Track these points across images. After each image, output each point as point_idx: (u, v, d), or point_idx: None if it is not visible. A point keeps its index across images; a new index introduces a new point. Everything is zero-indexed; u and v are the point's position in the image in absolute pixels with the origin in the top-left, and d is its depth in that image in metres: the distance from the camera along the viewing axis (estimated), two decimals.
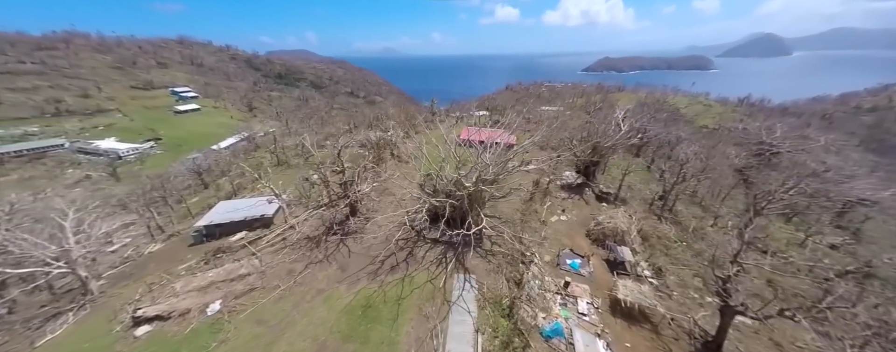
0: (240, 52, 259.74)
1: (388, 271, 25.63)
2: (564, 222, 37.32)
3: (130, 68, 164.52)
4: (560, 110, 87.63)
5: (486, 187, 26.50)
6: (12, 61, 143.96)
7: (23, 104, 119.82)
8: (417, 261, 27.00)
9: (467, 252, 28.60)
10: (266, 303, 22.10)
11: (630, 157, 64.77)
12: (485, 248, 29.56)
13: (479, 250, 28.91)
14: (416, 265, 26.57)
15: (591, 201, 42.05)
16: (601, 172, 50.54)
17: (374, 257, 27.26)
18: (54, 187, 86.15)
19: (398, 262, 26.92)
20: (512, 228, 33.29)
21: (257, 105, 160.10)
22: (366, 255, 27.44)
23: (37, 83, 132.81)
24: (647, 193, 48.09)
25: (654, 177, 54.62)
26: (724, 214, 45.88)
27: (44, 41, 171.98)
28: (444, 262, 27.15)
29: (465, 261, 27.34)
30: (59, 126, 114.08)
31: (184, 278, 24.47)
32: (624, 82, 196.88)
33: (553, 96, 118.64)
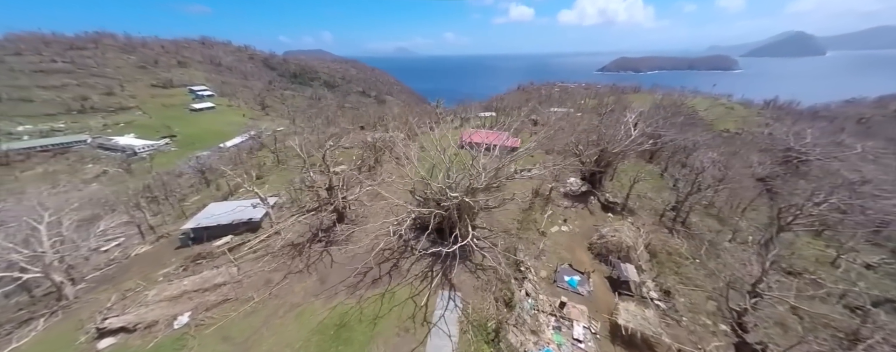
0: (257, 52, 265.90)
1: (370, 285, 24.13)
2: (565, 234, 34.95)
3: (153, 67, 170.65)
4: (569, 112, 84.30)
5: (469, 199, 24.51)
6: (46, 60, 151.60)
7: (52, 101, 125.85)
8: (401, 274, 25.40)
9: (457, 265, 26.80)
10: (236, 317, 20.99)
11: (642, 162, 61.30)
12: (475, 261, 27.67)
13: (469, 264, 27.07)
14: (400, 279, 24.97)
15: (596, 211, 39.40)
16: (609, 179, 47.68)
17: (357, 269, 25.83)
18: (73, 182, 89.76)
19: (381, 274, 25.39)
20: (506, 239, 31.29)
21: (270, 104, 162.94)
22: (348, 266, 26.03)
23: (66, 81, 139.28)
24: (658, 202, 44.90)
25: (667, 185, 51.20)
26: (744, 228, 42.21)
27: (75, 41, 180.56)
28: (429, 276, 25.46)
29: (451, 276, 25.55)
30: (83, 122, 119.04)
31: (159, 286, 23.74)
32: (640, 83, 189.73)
33: (564, 97, 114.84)
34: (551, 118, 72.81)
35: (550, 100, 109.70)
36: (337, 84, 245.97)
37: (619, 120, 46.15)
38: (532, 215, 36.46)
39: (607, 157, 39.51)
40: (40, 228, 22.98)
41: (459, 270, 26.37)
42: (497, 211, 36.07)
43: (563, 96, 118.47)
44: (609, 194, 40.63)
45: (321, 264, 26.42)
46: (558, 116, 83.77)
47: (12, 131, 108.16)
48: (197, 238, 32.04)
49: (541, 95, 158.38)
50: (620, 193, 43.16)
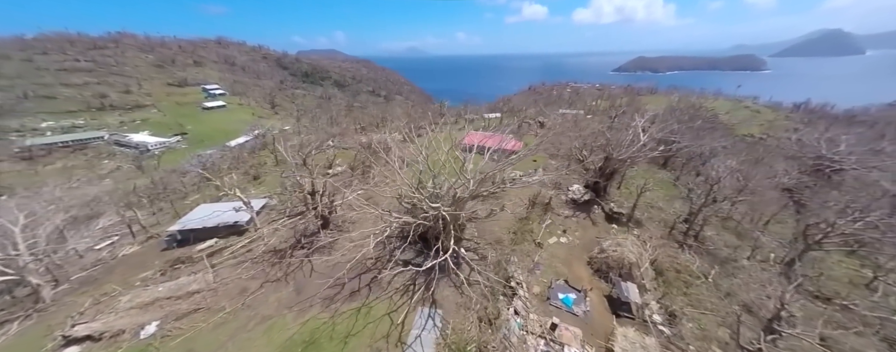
0: (271, 51, 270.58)
1: (347, 298, 22.82)
2: (564, 246, 32.76)
3: (169, 66, 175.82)
4: (578, 114, 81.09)
5: (454, 210, 22.79)
6: (69, 60, 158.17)
7: (74, 98, 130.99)
8: (382, 287, 23.97)
9: (441, 279, 25.19)
10: (204, 328, 20.04)
11: (654, 168, 57.98)
12: (462, 275, 25.93)
13: (454, 278, 25.36)
14: (379, 292, 23.56)
15: (600, 221, 36.94)
16: (616, 187, 44.98)
17: (336, 279, 24.56)
18: (89, 177, 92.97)
19: (360, 287, 24.06)
20: (498, 251, 29.42)
21: (280, 103, 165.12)
22: (328, 276, 24.78)
23: (87, 79, 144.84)
24: (669, 213, 41.93)
25: (680, 194, 47.96)
26: (766, 244, 38.80)
27: (98, 41, 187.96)
28: (411, 290, 23.93)
29: (434, 290, 23.95)
30: (102, 119, 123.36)
31: (134, 291, 23.13)
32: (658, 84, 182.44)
33: (574, 99, 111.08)
34: (557, 121, 69.98)
35: (560, 101, 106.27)
36: (347, 84, 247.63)
37: (628, 124, 43.28)
38: (529, 225, 34.43)
39: (612, 164, 36.94)
40: (14, 230, 22.78)
41: (443, 284, 24.78)
42: (491, 220, 34.26)
43: (574, 98, 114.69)
44: (614, 204, 38.05)
45: (300, 272, 25.29)
46: (566, 118, 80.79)
47: (36, 127, 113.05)
48: (183, 240, 31.57)
49: (552, 95, 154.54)
50: (627, 203, 40.47)
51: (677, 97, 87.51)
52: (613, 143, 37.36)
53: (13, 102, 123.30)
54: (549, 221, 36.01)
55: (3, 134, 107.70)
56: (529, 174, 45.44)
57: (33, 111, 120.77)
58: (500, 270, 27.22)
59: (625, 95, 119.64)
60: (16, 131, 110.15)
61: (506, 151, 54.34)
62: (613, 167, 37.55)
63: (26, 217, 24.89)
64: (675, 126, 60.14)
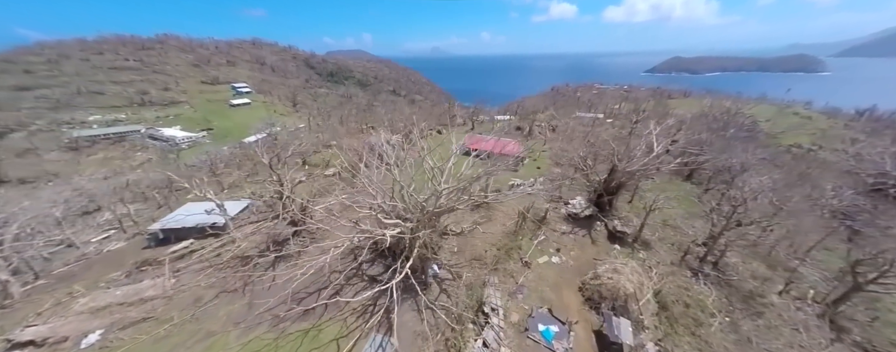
0: (300, 51, 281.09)
1: (299, 317, 21.19)
2: (555, 267, 29.40)
3: (205, 66, 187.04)
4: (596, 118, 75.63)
5: (413, 226, 20.48)
6: (120, 59, 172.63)
7: (119, 95, 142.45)
8: (339, 306, 22.16)
9: (406, 301, 23.00)
10: (145, 341, 19.18)
11: (677, 181, 52.30)
12: (430, 296, 23.59)
13: (420, 300, 23.07)
14: (335, 312, 21.76)
15: (601, 240, 33.05)
16: (627, 202, 40.55)
17: (293, 294, 23.08)
18: (122, 168, 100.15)
19: (317, 304, 22.39)
20: (477, 270, 26.73)
21: (301, 101, 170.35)
22: (288, 289, 23.35)
23: (133, 77, 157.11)
24: (688, 233, 37.03)
25: (704, 211, 42.51)
26: (806, 277, 33.04)
27: (146, 42, 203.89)
28: (370, 311, 21.93)
29: (395, 314, 21.77)
30: (141, 114, 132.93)
31: (94, 293, 22.96)
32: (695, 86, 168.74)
33: (596, 101, 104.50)
34: (569, 125, 65.43)
35: (578, 104, 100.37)
36: (369, 83, 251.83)
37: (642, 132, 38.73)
38: (518, 241, 31.34)
39: (618, 176, 32.91)
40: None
41: (406, 307, 22.56)
42: (477, 233, 31.59)
43: (595, 100, 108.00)
44: (619, 221, 33.93)
45: (260, 283, 24.05)
46: (582, 122, 75.68)
47: (85, 120, 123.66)
48: (165, 239, 31.62)
49: (574, 97, 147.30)
50: (638, 220, 36.08)
51: (709, 101, 79.06)
52: (620, 153, 33.29)
53: (69, 97, 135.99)
54: (543, 237, 32.70)
55: (56, 126, 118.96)
56: (528, 183, 42.19)
57: (84, 105, 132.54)
58: (475, 292, 24.57)
59: (652, 97, 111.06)
60: (67, 124, 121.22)
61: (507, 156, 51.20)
62: (619, 180, 33.47)
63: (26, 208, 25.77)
64: (704, 135, 54.14)
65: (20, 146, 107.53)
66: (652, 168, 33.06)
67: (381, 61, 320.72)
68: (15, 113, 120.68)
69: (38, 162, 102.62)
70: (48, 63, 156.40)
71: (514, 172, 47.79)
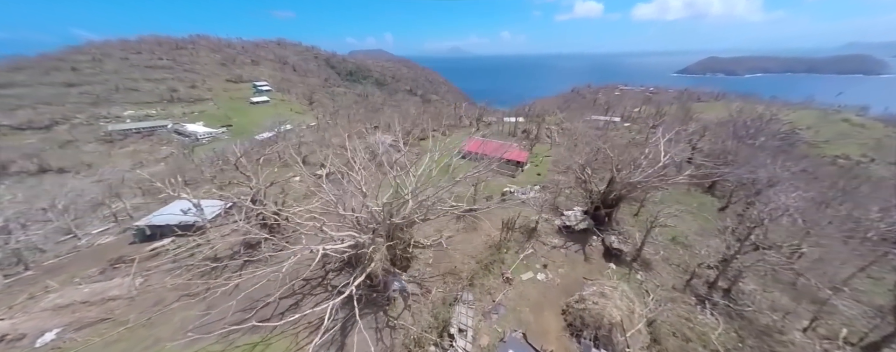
0: (321, 51, 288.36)
1: (248, 330, 20.23)
2: (540, 284, 27.02)
3: (231, 65, 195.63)
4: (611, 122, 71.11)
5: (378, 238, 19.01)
6: (155, 58, 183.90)
7: (152, 91, 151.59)
8: (294, 318, 21.07)
9: (366, 316, 21.61)
10: (95, 345, 18.93)
11: (696, 192, 47.83)
12: (394, 313, 22.08)
13: (381, 317, 21.62)
14: (289, 325, 20.70)
15: (595, 257, 30.19)
16: (633, 214, 37.19)
17: (253, 301, 22.33)
18: (148, 161, 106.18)
19: (273, 314, 21.50)
20: (450, 285, 24.92)
21: (318, 99, 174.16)
22: (248, 295, 22.62)
23: (165, 75, 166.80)
24: (700, 253, 33.29)
25: (719, 228, 38.29)
26: (838, 312, 28.66)
27: (180, 43, 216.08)
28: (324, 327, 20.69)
29: (349, 331, 20.45)
30: (169, 110, 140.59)
31: (64, 289, 23.24)
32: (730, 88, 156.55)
33: (614, 103, 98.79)
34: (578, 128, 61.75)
35: (595, 106, 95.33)
36: (387, 82, 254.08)
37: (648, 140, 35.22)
38: (501, 254, 29.18)
39: (617, 188, 29.89)
40: None
41: (366, 323, 21.13)
42: (459, 244, 29.75)
43: (615, 102, 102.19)
44: (616, 237, 30.88)
45: (223, 288, 23.44)
46: (597, 126, 71.46)
47: (119, 115, 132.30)
48: (152, 236, 32.07)
49: (592, 99, 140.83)
50: (641, 235, 32.76)
51: (738, 105, 71.84)
52: (620, 161, 30.25)
53: (107, 93, 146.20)
54: (531, 251, 30.34)
55: (94, 120, 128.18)
56: (521, 191, 39.73)
57: (120, 101, 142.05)
58: (443, 310, 22.78)
59: (677, 100, 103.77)
60: (104, 118, 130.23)
61: (509, 160, 48.78)
62: (619, 192, 30.42)
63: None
64: (729, 142, 49.21)
65: (63, 138, 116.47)
66: (656, 180, 29.74)
67: (400, 61, 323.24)
68: (60, 107, 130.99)
69: (77, 153, 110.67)
70: (92, 61, 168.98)
71: (512, 178, 45.35)
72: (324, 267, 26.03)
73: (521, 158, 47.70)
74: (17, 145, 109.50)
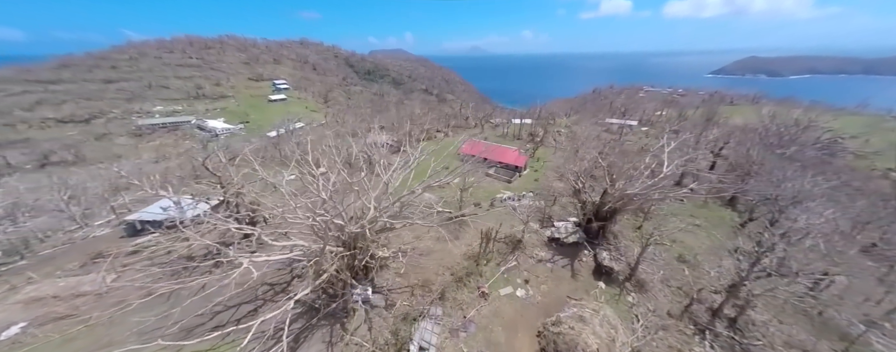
0: (341, 50, 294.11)
1: (201, 336, 19.74)
2: (518, 301, 25.07)
3: (253, 63, 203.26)
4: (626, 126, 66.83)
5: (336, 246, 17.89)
6: (185, 57, 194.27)
7: (180, 89, 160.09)
8: (248, 329, 20.40)
9: (320, 328, 20.63)
10: (51, 343, 19.08)
11: (715, 205, 43.71)
12: (350, 326, 20.95)
13: (339, 330, 20.55)
14: (240, 334, 20.01)
15: (583, 274, 27.73)
16: (635, 227, 34.17)
17: (215, 305, 21.94)
18: (170, 154, 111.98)
19: (228, 321, 20.96)
20: (418, 298, 23.50)
21: (333, 98, 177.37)
22: (207, 299, 22.25)
23: (193, 74, 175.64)
24: (707, 274, 29.97)
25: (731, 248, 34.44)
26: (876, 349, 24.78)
27: (209, 42, 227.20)
28: (276, 338, 19.89)
29: (305, 342, 19.51)
30: (194, 107, 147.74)
31: (43, 282, 23.88)
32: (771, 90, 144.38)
33: (633, 106, 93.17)
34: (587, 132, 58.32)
35: (611, 108, 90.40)
36: (404, 81, 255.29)
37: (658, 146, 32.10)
38: (480, 266, 27.39)
39: (611, 200, 27.26)
40: None
41: (319, 337, 20.17)
42: (436, 252, 28.27)
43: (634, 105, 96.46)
44: (609, 253, 28.24)
45: (187, 290, 23.24)
46: (611, 130, 67.47)
47: (150, 111, 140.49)
48: (142, 230, 32.77)
49: (610, 100, 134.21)
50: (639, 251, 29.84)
51: (769, 109, 64.74)
52: (616, 171, 27.59)
53: (141, 90, 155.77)
54: (514, 263, 28.36)
55: (127, 114, 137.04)
56: (513, 197, 37.59)
57: (151, 98, 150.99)
58: (405, 326, 21.42)
59: (706, 103, 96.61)
60: (136, 113, 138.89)
61: (506, 164, 46.64)
62: (614, 205, 27.77)
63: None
64: (755, 151, 44.62)
65: (99, 131, 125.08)
66: (656, 192, 26.87)
67: (418, 60, 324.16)
68: (99, 102, 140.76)
69: (110, 146, 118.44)
70: (130, 60, 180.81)
71: (508, 183, 43.18)
72: (290, 272, 25.40)
73: (520, 163, 45.40)
74: (59, 137, 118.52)
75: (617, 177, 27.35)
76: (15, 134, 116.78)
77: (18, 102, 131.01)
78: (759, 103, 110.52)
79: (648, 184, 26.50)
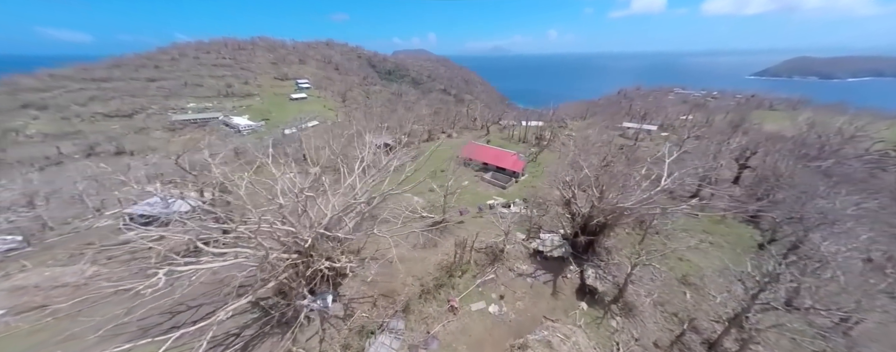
0: (364, 51, 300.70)
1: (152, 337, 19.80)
2: (489, 318, 23.43)
3: (280, 64, 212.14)
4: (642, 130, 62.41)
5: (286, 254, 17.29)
6: (220, 58, 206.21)
7: (212, 87, 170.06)
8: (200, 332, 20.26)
9: (272, 337, 20.13)
10: (17, 334, 19.88)
11: (733, 221, 39.50)
12: (302, 336, 20.30)
13: (290, 340, 19.95)
14: (192, 337, 19.90)
15: (566, 292, 25.52)
16: (636, 243, 31.26)
17: (176, 304, 22.11)
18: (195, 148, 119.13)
19: (185, 322, 20.96)
20: (383, 309, 22.47)
21: (352, 97, 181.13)
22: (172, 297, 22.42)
23: (225, 73, 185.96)
24: (711, 300, 26.72)
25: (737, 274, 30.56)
26: None
27: (242, 44, 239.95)
28: (226, 344, 19.65)
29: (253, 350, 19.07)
30: (223, 104, 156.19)
31: (34, 270, 25.23)
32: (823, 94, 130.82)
33: (656, 109, 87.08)
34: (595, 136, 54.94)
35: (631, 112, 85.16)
36: (423, 81, 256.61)
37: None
38: (454, 278, 25.95)
39: (599, 214, 24.87)
40: None
41: (268, 345, 19.65)
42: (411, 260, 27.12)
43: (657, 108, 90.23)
44: (596, 270, 25.81)
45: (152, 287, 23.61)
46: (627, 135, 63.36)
47: (184, 107, 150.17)
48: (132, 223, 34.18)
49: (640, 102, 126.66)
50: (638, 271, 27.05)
51: (807, 116, 57.04)
52: (605, 182, 25.15)
53: (178, 88, 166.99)
54: (492, 277, 26.65)
55: (164, 111, 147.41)
56: (500, 204, 35.71)
57: (187, 95, 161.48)
58: (358, 340, 20.46)
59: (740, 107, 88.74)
60: (172, 109, 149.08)
61: (503, 169, 44.72)
62: (602, 219, 25.35)
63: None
64: (785, 163, 39.94)
65: (138, 125, 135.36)
66: (656, 206, 24.21)
67: (438, 60, 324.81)
68: (141, 99, 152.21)
69: (147, 139, 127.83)
70: (171, 60, 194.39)
71: (502, 189, 41.23)
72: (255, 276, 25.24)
73: (517, 168, 43.25)
74: (104, 130, 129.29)
75: (607, 188, 24.90)
76: (69, 127, 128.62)
77: (75, 98, 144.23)
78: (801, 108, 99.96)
79: (643, 197, 23.89)
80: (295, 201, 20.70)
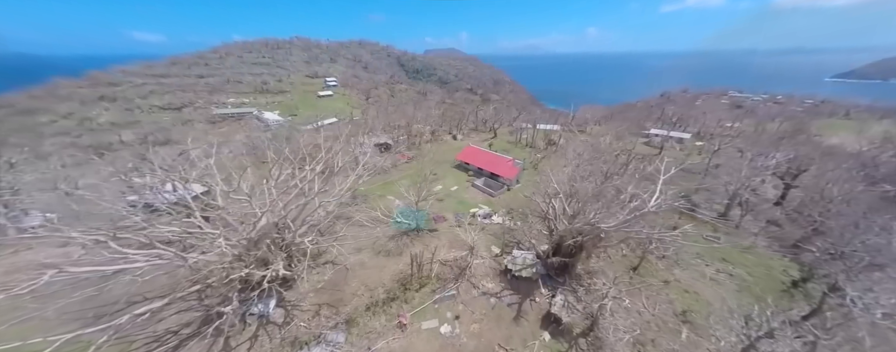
0: (394, 50, 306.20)
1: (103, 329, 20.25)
2: (440, 340, 21.52)
3: (313, 62, 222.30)
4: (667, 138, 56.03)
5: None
6: (259, 56, 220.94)
7: (250, 83, 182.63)
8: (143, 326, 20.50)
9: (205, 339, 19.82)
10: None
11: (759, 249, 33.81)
12: (234, 341, 19.79)
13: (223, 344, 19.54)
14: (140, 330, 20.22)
15: (530, 318, 22.75)
16: (630, 268, 27.48)
17: (132, 296, 22.73)
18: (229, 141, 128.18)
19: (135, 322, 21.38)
20: (325, 319, 21.44)
21: (376, 95, 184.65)
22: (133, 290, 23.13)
23: (262, 71, 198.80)
24: (712, 345, 22.50)
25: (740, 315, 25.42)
26: None
27: (281, 43, 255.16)
28: (165, 341, 19.66)
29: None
30: (258, 100, 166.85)
31: (35, 250, 27.42)
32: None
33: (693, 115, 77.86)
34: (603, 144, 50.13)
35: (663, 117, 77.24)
36: (450, 80, 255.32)
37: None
38: (410, 291, 24.25)
39: (571, 234, 21.78)
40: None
41: (202, 347, 19.38)
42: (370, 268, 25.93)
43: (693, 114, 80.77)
44: (567, 297, 22.73)
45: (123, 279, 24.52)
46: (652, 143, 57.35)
47: (224, 102, 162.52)
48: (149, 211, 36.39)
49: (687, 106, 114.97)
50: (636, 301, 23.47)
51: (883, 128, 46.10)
52: (584, 199, 21.97)
53: (221, 84, 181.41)
54: (453, 293, 24.61)
55: (208, 105, 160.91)
56: (482, 214, 33.27)
57: (228, 91, 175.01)
58: (294, 349, 19.55)
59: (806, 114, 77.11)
60: (214, 104, 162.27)
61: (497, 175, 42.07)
62: (577, 240, 22.23)
63: None
64: (837, 187, 33.54)
65: (185, 118, 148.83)
66: (630, 230, 20.72)
67: (467, 59, 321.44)
68: (189, 94, 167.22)
69: (190, 130, 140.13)
70: (219, 58, 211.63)
71: (491, 197, 38.54)
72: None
73: (510, 175, 40.28)
74: (157, 121, 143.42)
75: (585, 206, 21.72)
76: (131, 117, 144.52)
77: (138, 92, 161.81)
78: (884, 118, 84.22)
79: (621, 219, 20.48)
80: (246, 201, 20.26)
